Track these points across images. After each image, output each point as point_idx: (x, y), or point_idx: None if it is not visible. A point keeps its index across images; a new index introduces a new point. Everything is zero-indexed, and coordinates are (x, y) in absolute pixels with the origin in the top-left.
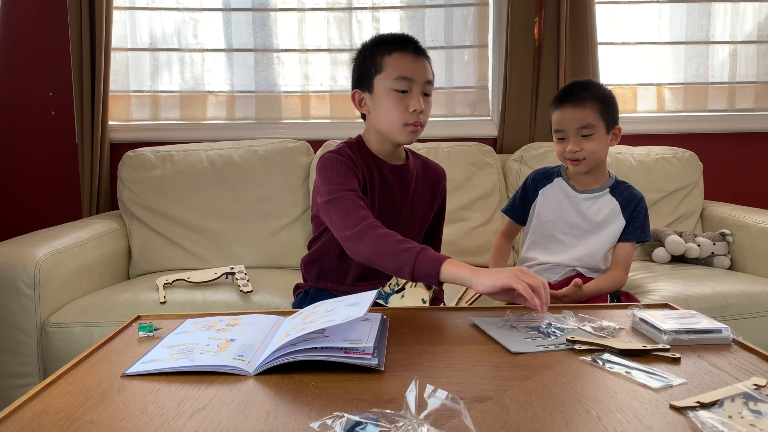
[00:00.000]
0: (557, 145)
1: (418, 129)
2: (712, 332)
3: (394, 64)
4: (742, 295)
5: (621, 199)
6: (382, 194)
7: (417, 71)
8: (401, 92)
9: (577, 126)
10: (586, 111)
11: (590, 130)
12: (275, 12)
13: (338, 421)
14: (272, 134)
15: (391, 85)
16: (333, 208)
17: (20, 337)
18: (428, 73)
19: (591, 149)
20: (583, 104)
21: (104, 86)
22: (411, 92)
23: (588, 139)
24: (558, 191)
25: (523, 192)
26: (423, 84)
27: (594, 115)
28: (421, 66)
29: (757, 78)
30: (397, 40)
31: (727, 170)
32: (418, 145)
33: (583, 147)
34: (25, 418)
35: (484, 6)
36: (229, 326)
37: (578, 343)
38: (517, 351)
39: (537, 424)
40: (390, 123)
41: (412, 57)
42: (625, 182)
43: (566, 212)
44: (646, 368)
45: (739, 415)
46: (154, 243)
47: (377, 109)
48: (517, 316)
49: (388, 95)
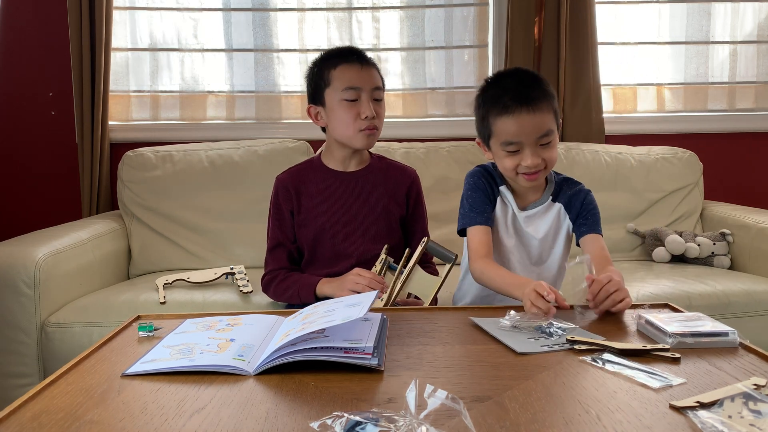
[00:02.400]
0: (506, 159)
1: (374, 132)
2: (718, 335)
3: (341, 76)
4: (743, 293)
5: (564, 201)
6: (333, 201)
7: (363, 80)
8: (351, 101)
9: (536, 135)
10: (543, 115)
11: (549, 138)
12: (275, 12)
13: (338, 421)
14: (272, 134)
15: (341, 95)
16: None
17: (20, 337)
18: (375, 79)
19: (550, 157)
20: (539, 107)
21: (104, 86)
22: (360, 100)
23: (548, 147)
24: (507, 206)
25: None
26: (371, 91)
27: (550, 118)
28: (367, 74)
29: (757, 78)
30: (341, 53)
31: (727, 170)
32: (417, 145)
33: (544, 158)
34: (25, 418)
35: (484, 6)
36: (229, 326)
37: (578, 343)
38: (523, 351)
39: (537, 424)
40: (345, 131)
41: (357, 67)
42: (568, 180)
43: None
44: (646, 368)
45: (739, 415)
46: (154, 243)
47: (332, 121)
48: (519, 315)
49: (339, 106)
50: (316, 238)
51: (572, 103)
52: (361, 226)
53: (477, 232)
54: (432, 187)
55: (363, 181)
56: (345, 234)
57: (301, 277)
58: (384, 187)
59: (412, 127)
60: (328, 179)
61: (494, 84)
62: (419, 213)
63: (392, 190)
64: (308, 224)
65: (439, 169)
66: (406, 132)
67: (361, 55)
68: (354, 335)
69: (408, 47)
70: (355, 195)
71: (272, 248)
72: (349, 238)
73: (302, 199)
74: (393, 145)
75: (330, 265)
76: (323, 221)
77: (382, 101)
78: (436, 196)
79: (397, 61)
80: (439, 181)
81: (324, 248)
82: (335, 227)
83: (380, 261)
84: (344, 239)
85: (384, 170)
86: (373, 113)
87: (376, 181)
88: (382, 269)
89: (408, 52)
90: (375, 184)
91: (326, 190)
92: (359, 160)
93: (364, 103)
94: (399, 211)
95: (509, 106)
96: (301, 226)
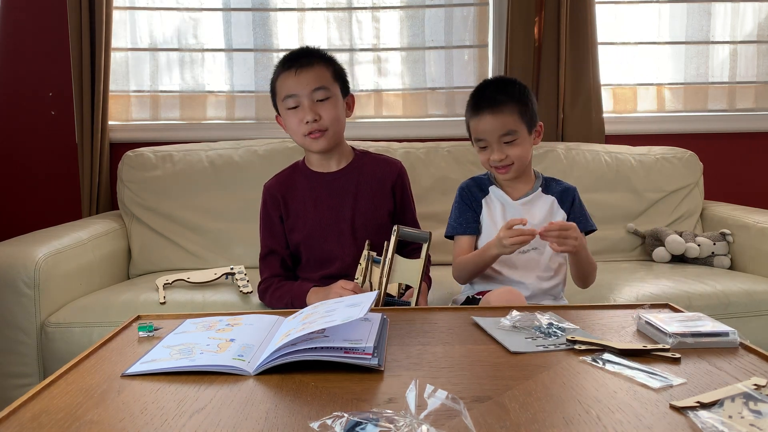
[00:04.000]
0: (481, 154)
1: (320, 135)
2: (718, 336)
3: (281, 85)
4: (743, 293)
5: (556, 195)
6: (319, 204)
7: (300, 85)
8: (293, 108)
9: (498, 134)
10: (505, 117)
11: (512, 136)
12: (275, 12)
13: (338, 421)
14: (272, 134)
15: (283, 104)
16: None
17: (20, 337)
18: (315, 81)
19: (517, 155)
20: (501, 109)
21: (104, 86)
22: (301, 105)
23: (512, 145)
24: (497, 202)
25: (464, 205)
26: (310, 93)
27: (514, 119)
28: (303, 80)
29: (757, 78)
30: (284, 60)
31: (727, 170)
32: (417, 145)
33: (508, 154)
34: (25, 418)
35: (484, 6)
36: (229, 326)
37: (578, 343)
38: (517, 351)
39: (537, 424)
40: (296, 138)
41: (292, 74)
42: (554, 178)
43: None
44: (647, 368)
45: (739, 415)
46: (154, 243)
47: (287, 129)
48: (520, 316)
49: (286, 114)
50: (306, 242)
51: (572, 103)
52: (350, 226)
53: (459, 241)
54: (432, 187)
55: (346, 181)
56: (334, 236)
57: (293, 286)
58: (369, 183)
59: (412, 127)
60: (313, 182)
61: (475, 91)
62: (407, 204)
63: (378, 185)
64: (297, 229)
65: (439, 169)
66: (406, 132)
67: (297, 60)
68: (354, 335)
69: (408, 47)
70: (340, 195)
71: (264, 256)
72: (338, 239)
73: (289, 204)
74: (393, 145)
75: (323, 268)
76: (311, 225)
77: (329, 99)
78: (436, 197)
79: (397, 61)
80: (439, 181)
81: (314, 251)
82: (324, 230)
83: (364, 257)
84: (334, 241)
85: (367, 166)
86: (313, 116)
87: (361, 178)
88: (367, 265)
89: (408, 52)
90: (360, 182)
91: (312, 193)
92: (338, 159)
93: (303, 109)
94: (387, 206)
95: (476, 109)
96: (291, 231)
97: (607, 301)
